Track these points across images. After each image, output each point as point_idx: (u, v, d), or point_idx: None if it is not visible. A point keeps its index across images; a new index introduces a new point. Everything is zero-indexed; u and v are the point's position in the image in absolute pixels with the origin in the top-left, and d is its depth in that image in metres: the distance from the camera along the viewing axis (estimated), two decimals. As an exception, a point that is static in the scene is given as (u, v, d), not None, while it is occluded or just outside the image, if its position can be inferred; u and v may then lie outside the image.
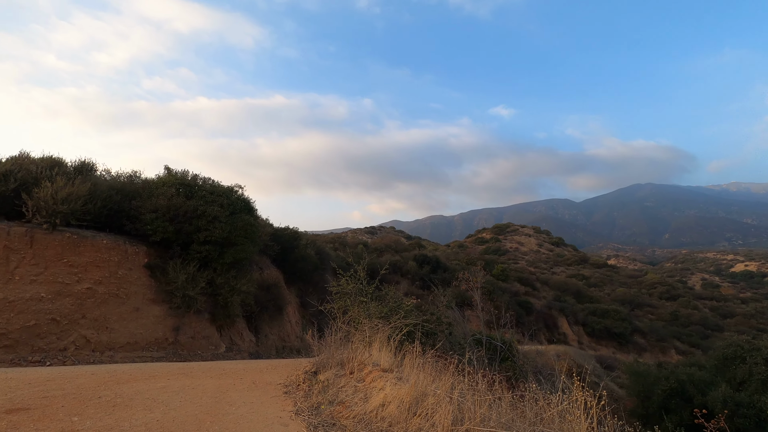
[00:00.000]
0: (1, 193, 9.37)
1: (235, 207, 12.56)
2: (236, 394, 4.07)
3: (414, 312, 6.59)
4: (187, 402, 3.66)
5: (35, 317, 8.03)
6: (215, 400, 3.79)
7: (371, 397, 3.46)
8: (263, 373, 5.36)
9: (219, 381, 4.61)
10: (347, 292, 6.90)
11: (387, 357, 4.47)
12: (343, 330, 5.76)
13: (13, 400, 3.28)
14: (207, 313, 11.43)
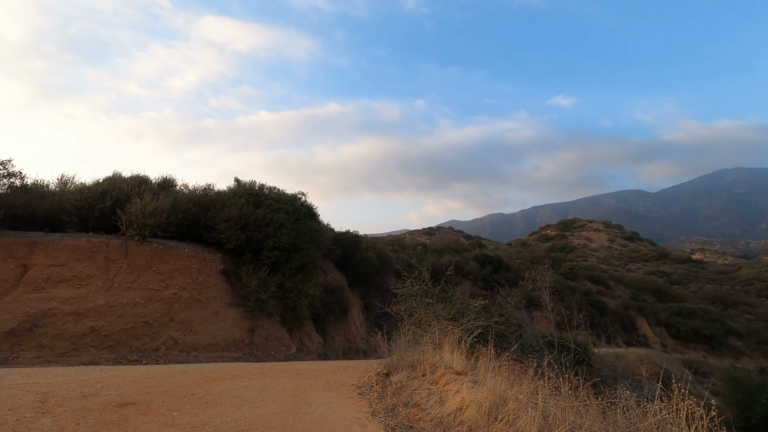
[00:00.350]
0: (99, 209, 10.51)
1: (300, 213, 13.07)
2: (313, 394, 4.21)
3: (482, 313, 6.42)
4: (270, 401, 3.84)
5: (132, 320, 8.90)
6: (295, 400, 3.94)
7: (447, 401, 3.40)
8: (335, 374, 5.50)
9: (296, 381, 4.80)
10: (413, 293, 6.89)
11: (459, 359, 4.39)
12: (412, 332, 5.75)
13: (122, 396, 3.64)
14: (278, 316, 12.00)
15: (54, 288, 8.54)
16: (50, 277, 8.62)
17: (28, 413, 3.05)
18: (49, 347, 7.85)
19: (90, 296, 8.73)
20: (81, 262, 9.09)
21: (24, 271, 8.53)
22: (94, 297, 8.76)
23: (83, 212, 10.41)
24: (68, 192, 10.73)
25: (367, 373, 5.17)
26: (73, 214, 10.28)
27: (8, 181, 9.56)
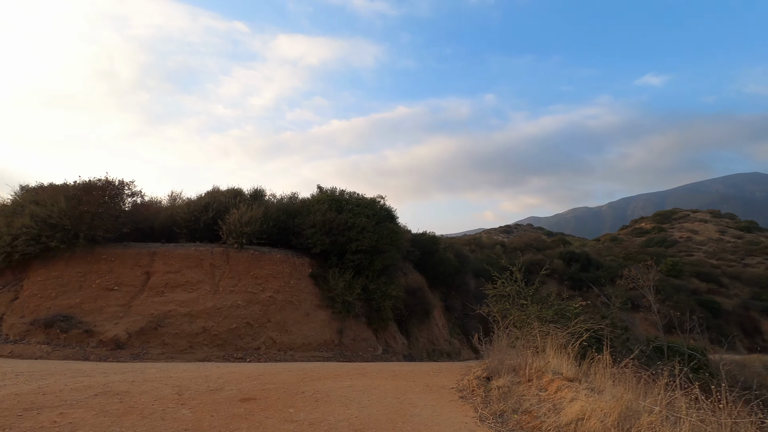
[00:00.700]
0: (204, 221, 11.63)
1: (379, 217, 13.31)
2: (415, 396, 4.22)
3: (582, 315, 5.96)
4: (375, 401, 3.93)
5: (236, 321, 9.70)
6: (399, 401, 3.98)
7: (563, 409, 3.19)
8: (431, 376, 5.47)
9: (395, 382, 4.85)
10: (504, 294, 6.63)
11: (567, 365, 4.11)
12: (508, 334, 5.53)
13: (242, 391, 3.96)
14: (364, 317, 12.30)
15: (171, 292, 9.61)
16: (168, 283, 9.71)
17: (170, 404, 3.43)
18: (171, 345, 8.84)
19: (200, 299, 9.69)
20: (191, 269, 10.13)
21: (148, 278, 9.72)
22: (203, 300, 9.70)
23: (191, 224, 11.59)
24: (177, 206, 12.04)
25: (465, 377, 5.06)
26: (182, 226, 11.50)
27: (131, 200, 10.99)
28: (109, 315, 8.88)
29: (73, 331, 8.36)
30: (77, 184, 10.10)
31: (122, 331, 8.56)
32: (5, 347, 7.83)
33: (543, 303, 6.33)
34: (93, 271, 9.45)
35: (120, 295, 9.26)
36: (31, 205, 9.38)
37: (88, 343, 8.31)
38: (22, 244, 8.95)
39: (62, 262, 9.38)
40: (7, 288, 9.14)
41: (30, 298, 8.91)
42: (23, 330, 8.35)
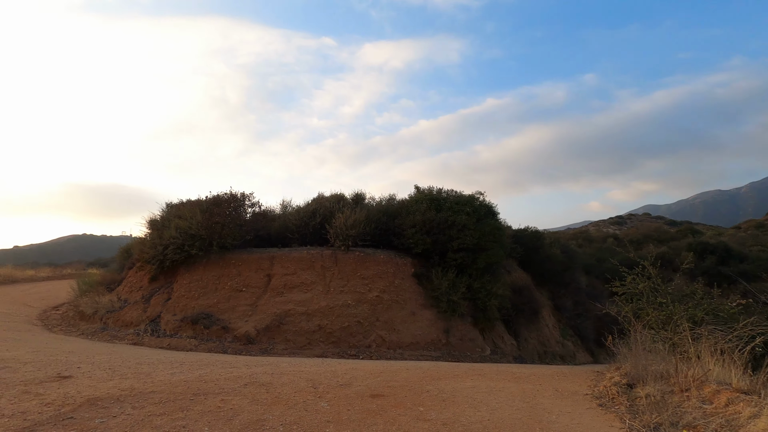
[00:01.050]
0: (312, 226, 12.44)
1: (480, 213, 12.93)
2: (546, 401, 3.96)
3: (742, 315, 5.03)
4: (503, 404, 3.77)
5: (347, 320, 10.19)
6: (529, 406, 3.77)
7: (742, 426, 2.71)
8: (557, 380, 5.11)
9: (519, 385, 4.62)
10: (636, 293, 5.92)
11: (736, 374, 3.50)
12: (644, 337, 4.92)
13: (370, 387, 4.10)
14: (469, 317, 12.04)
15: (289, 293, 10.45)
16: (286, 284, 10.57)
17: (309, 396, 3.68)
18: (292, 341, 9.60)
19: (315, 299, 10.37)
20: (305, 271, 10.90)
21: (269, 280, 10.69)
22: (317, 300, 10.37)
23: (301, 229, 12.49)
24: (289, 214, 13.07)
25: (600, 382, 4.62)
26: (294, 231, 12.44)
27: (251, 210, 12.22)
28: (240, 313, 9.96)
29: (213, 327, 9.53)
30: (208, 199, 11.54)
31: (252, 328, 9.53)
32: (164, 340, 9.22)
33: (687, 301, 5.51)
34: (225, 274, 10.69)
35: (247, 295, 10.33)
36: (175, 219, 10.94)
37: (225, 338, 9.40)
38: (170, 252, 10.48)
39: (201, 267, 10.78)
40: (162, 290, 10.77)
41: (179, 298, 10.38)
42: (176, 326, 9.75)
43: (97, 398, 3.49)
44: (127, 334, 9.68)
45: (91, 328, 10.11)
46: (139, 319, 10.17)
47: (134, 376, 4.33)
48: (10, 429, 2.87)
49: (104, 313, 10.50)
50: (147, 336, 9.47)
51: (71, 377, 4.24)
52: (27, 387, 3.84)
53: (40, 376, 4.31)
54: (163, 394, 3.65)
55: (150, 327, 9.82)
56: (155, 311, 10.27)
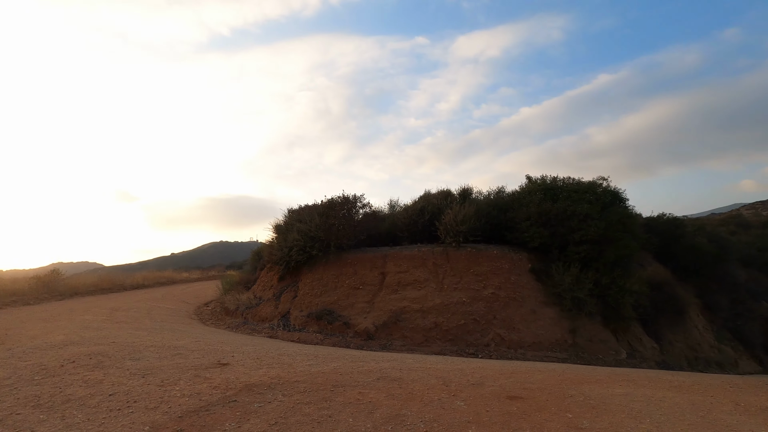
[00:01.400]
0: (421, 223, 12.48)
1: (604, 201, 11.64)
2: (727, 418, 3.30)
3: None
4: (671, 417, 3.24)
5: (463, 318, 9.98)
6: (706, 421, 3.18)
7: None
8: (732, 392, 4.25)
9: (684, 396, 3.95)
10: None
11: None
12: None
13: (504, 388, 3.89)
14: (598, 316, 10.89)
15: (403, 290, 10.61)
16: (400, 282, 10.76)
17: (442, 394, 3.61)
18: (409, 338, 9.73)
19: (429, 296, 10.37)
20: (417, 269, 10.97)
21: (383, 278, 11.00)
22: (432, 297, 10.35)
23: (410, 227, 12.61)
24: (397, 213, 13.31)
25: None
26: (404, 230, 12.62)
27: (363, 211, 12.73)
28: (358, 310, 10.42)
29: (335, 323, 10.12)
30: (323, 203, 12.32)
31: (370, 324, 9.89)
32: (294, 334, 10.07)
33: None
34: (343, 273, 11.29)
35: (364, 293, 10.76)
36: (296, 223, 11.90)
37: (347, 333, 9.91)
38: (294, 253, 11.43)
39: (321, 267, 11.55)
40: (289, 289, 11.80)
41: (304, 296, 11.27)
42: (303, 321, 10.59)
43: (253, 384, 3.88)
44: (263, 327, 10.80)
45: (235, 322, 11.51)
46: (272, 315, 11.28)
47: (278, 366, 4.75)
48: (191, 406, 3.33)
49: (244, 309, 11.88)
50: (280, 330, 10.44)
51: (228, 365, 4.82)
52: (197, 372, 4.46)
53: (205, 362, 4.98)
54: (305, 383, 3.92)
55: (282, 322, 10.83)
56: (285, 308, 11.29)
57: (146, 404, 3.39)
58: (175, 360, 5.05)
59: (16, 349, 6.15)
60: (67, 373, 4.44)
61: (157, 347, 5.88)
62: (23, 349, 6.16)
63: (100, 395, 3.66)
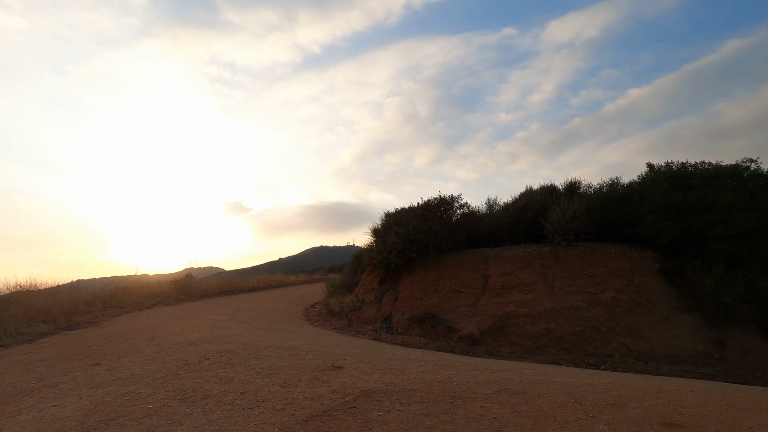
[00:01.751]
0: (524, 222, 11.72)
1: (755, 186, 9.73)
2: None
3: None
4: None
5: (578, 324, 9.06)
6: None
7: None
8: None
9: None
10: None
11: None
12: None
13: (652, 411, 3.32)
14: (754, 325, 9.08)
15: (508, 293, 10.01)
16: (504, 285, 10.18)
17: (578, 414, 3.19)
18: (518, 344, 9.12)
19: (537, 300, 9.63)
20: (523, 270, 10.27)
21: (486, 281, 10.52)
22: (541, 301, 9.59)
23: (512, 226, 11.91)
24: (497, 212, 12.68)
25: None
26: (505, 230, 11.97)
27: (460, 212, 12.37)
28: (461, 314, 10.09)
29: (438, 327, 9.92)
30: (420, 205, 12.24)
31: (475, 329, 9.49)
32: (398, 337, 10.10)
33: None
34: (443, 276, 11.05)
35: (466, 296, 10.40)
36: (394, 226, 11.98)
37: (451, 337, 9.64)
38: (393, 257, 11.50)
39: (421, 270, 11.46)
40: (390, 292, 11.92)
41: (405, 299, 11.27)
42: (405, 324, 10.58)
43: (370, 390, 3.86)
44: (367, 330, 11.04)
45: (340, 324, 11.96)
46: (375, 317, 11.49)
47: (391, 371, 4.70)
48: (314, 410, 3.40)
49: (348, 311, 12.30)
50: (383, 332, 10.56)
51: (342, 368, 4.90)
52: (314, 374, 4.61)
53: (320, 364, 5.14)
54: (422, 392, 3.78)
55: (384, 324, 10.95)
56: (387, 310, 11.42)
57: (273, 405, 3.55)
58: (293, 361, 5.30)
59: (163, 345, 7.05)
60: (204, 369, 4.91)
61: (276, 347, 6.27)
62: (168, 344, 7.03)
63: (233, 393, 3.95)
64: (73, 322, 10.22)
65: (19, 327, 9.21)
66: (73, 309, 11.18)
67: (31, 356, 7.12)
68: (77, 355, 6.76)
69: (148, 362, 5.54)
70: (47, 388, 4.68)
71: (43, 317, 10.06)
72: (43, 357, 6.90)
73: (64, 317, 10.40)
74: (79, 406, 3.90)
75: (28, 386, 4.83)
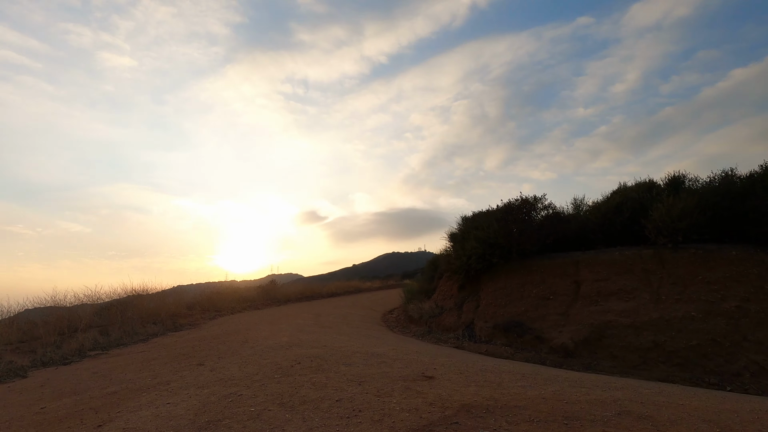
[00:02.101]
0: (618, 222, 10.66)
1: None
2: None
3: None
4: None
5: (694, 337, 7.94)
6: None
7: None
8: None
9: None
10: None
11: None
12: None
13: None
14: None
15: (605, 301, 9.11)
16: (600, 291, 9.29)
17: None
18: (620, 358, 8.22)
19: (641, 309, 8.64)
20: (621, 276, 9.30)
21: (577, 287, 9.69)
22: (644, 310, 8.59)
23: (604, 228, 10.90)
24: (586, 212, 11.70)
25: None
26: (596, 231, 10.98)
27: (543, 213, 11.60)
28: (551, 323, 9.38)
29: (526, 336, 9.32)
30: (499, 207, 11.69)
31: (568, 340, 8.76)
32: (481, 346, 9.67)
33: None
34: (527, 281, 10.41)
35: (556, 304, 9.66)
36: (473, 230, 11.57)
37: (540, 348, 8.99)
38: (474, 262, 11.09)
39: (503, 275, 10.90)
40: (470, 298, 11.50)
41: (487, 306, 10.79)
42: (489, 332, 10.11)
43: (469, 405, 3.62)
44: (448, 337, 10.73)
45: (420, 331, 11.78)
46: (455, 324, 11.14)
47: (487, 384, 4.41)
48: (413, 423, 3.25)
49: (427, 317, 12.08)
50: (465, 341, 10.18)
51: (434, 378, 4.71)
52: (406, 383, 4.47)
53: (409, 373, 4.99)
54: (528, 410, 3.46)
55: (466, 332, 10.56)
56: (468, 318, 11.01)
57: (371, 415, 3.46)
58: (381, 368, 5.22)
59: (256, 347, 7.41)
60: (297, 374, 5.01)
61: (362, 353, 6.25)
62: (261, 347, 7.37)
63: (329, 399, 3.94)
64: (178, 324, 11.22)
65: (135, 328, 10.31)
66: (176, 312, 12.31)
67: (146, 354, 7.89)
68: (183, 355, 7.35)
69: (245, 364, 5.81)
70: (161, 385, 5.08)
71: (153, 319, 11.19)
72: (155, 356, 7.61)
73: (170, 319, 11.47)
74: (190, 405, 4.15)
75: (145, 383, 5.30)
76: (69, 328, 9.62)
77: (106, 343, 9.11)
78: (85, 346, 8.59)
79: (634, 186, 11.58)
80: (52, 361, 7.51)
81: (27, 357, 7.54)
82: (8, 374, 6.57)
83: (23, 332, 8.86)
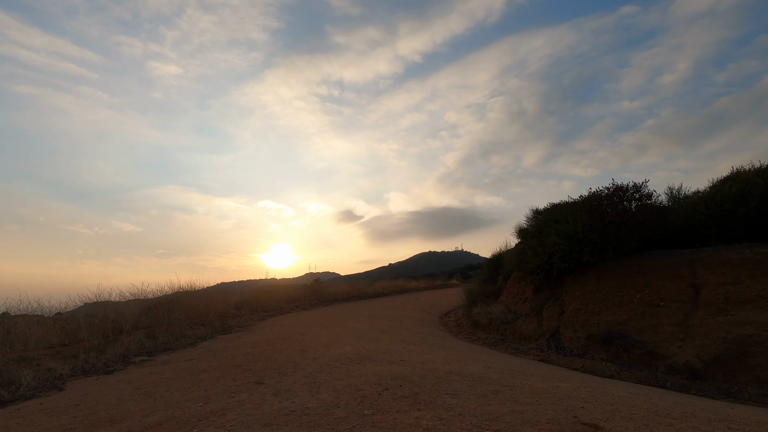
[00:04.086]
0: (741, 213, 8.80)
1: None
2: None
3: None
4: None
5: None
6: None
7: None
8: None
9: None
10: None
11: None
12: None
13: None
14: None
15: (739, 310, 7.35)
16: (729, 298, 7.54)
17: None
18: (770, 384, 6.50)
19: (792, 321, 6.85)
20: (757, 279, 7.50)
21: (696, 292, 7.96)
22: (798, 323, 6.79)
23: (721, 221, 9.06)
24: (694, 203, 9.85)
25: None
26: (710, 225, 9.16)
27: (636, 204, 9.85)
28: (666, 335, 7.72)
29: (633, 351, 7.72)
30: (584, 198, 10.06)
31: (693, 357, 7.09)
32: (575, 360, 8.14)
33: None
34: (627, 284, 8.76)
35: (669, 312, 7.98)
36: (554, 224, 10.00)
37: (656, 366, 7.37)
38: (557, 261, 9.54)
39: (593, 277, 9.29)
40: (551, 302, 9.95)
41: (575, 312, 9.22)
42: (581, 344, 8.55)
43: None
44: (529, 348, 9.26)
45: (491, 338, 10.36)
46: (536, 333, 9.64)
47: None
48: None
49: (498, 324, 10.64)
50: (552, 353, 8.69)
51: (600, 428, 3.32)
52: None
53: (553, 416, 3.56)
54: None
55: (552, 343, 9.06)
56: (551, 325, 9.49)
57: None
58: (505, 405, 3.88)
59: (320, 359, 6.29)
60: (391, 409, 3.77)
61: (460, 375, 4.96)
62: (325, 360, 6.24)
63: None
64: (227, 326, 10.37)
65: (182, 329, 9.52)
66: (224, 312, 11.50)
67: (195, 364, 6.96)
68: (237, 367, 6.34)
69: (316, 387, 4.66)
70: (215, 416, 4.00)
71: (200, 320, 10.40)
72: (205, 366, 6.65)
73: (219, 320, 10.65)
74: (259, 455, 3.01)
75: (195, 411, 4.24)
76: (114, 330, 8.93)
77: (152, 348, 8.32)
78: (131, 350, 7.81)
79: (754, 170, 9.62)
80: (93, 368, 6.71)
81: (68, 363, 6.79)
82: (45, 385, 5.78)
83: (66, 334, 8.23)
